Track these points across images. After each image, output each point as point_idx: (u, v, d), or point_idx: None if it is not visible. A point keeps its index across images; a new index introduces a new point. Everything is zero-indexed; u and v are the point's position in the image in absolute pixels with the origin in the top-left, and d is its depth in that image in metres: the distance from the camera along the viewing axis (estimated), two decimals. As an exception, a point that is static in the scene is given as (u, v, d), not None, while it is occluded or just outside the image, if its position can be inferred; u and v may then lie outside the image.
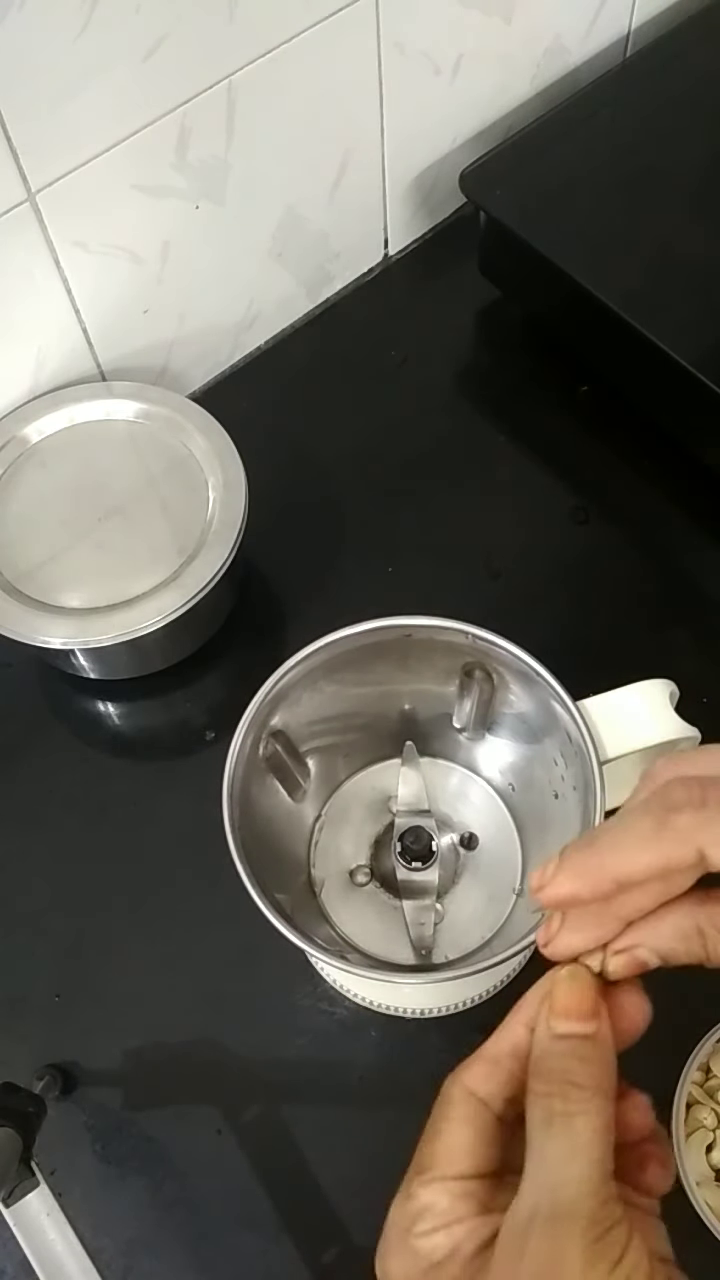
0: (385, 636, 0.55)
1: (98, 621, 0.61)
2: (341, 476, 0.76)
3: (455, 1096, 0.32)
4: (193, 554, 0.63)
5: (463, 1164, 0.32)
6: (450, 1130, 0.32)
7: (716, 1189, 0.55)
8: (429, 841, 0.60)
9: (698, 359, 0.65)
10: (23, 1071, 0.58)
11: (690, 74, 0.79)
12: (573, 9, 0.79)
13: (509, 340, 0.81)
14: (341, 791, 0.63)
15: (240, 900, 0.49)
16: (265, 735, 0.56)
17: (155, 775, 0.67)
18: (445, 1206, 0.31)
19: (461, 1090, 0.33)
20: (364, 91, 0.72)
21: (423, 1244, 0.30)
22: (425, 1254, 0.30)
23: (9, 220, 0.60)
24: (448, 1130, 0.32)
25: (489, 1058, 0.33)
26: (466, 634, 0.55)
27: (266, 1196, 0.57)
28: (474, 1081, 0.33)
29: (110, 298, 0.69)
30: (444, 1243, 0.30)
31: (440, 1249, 0.30)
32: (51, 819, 0.66)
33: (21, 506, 0.65)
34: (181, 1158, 0.58)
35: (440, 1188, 0.31)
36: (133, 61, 0.59)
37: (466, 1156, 0.32)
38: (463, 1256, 0.30)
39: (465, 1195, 0.31)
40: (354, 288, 0.84)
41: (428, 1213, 0.31)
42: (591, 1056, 0.31)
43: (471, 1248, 0.30)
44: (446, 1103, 0.33)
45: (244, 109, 0.65)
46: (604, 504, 0.74)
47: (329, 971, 0.59)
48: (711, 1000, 0.57)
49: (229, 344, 0.79)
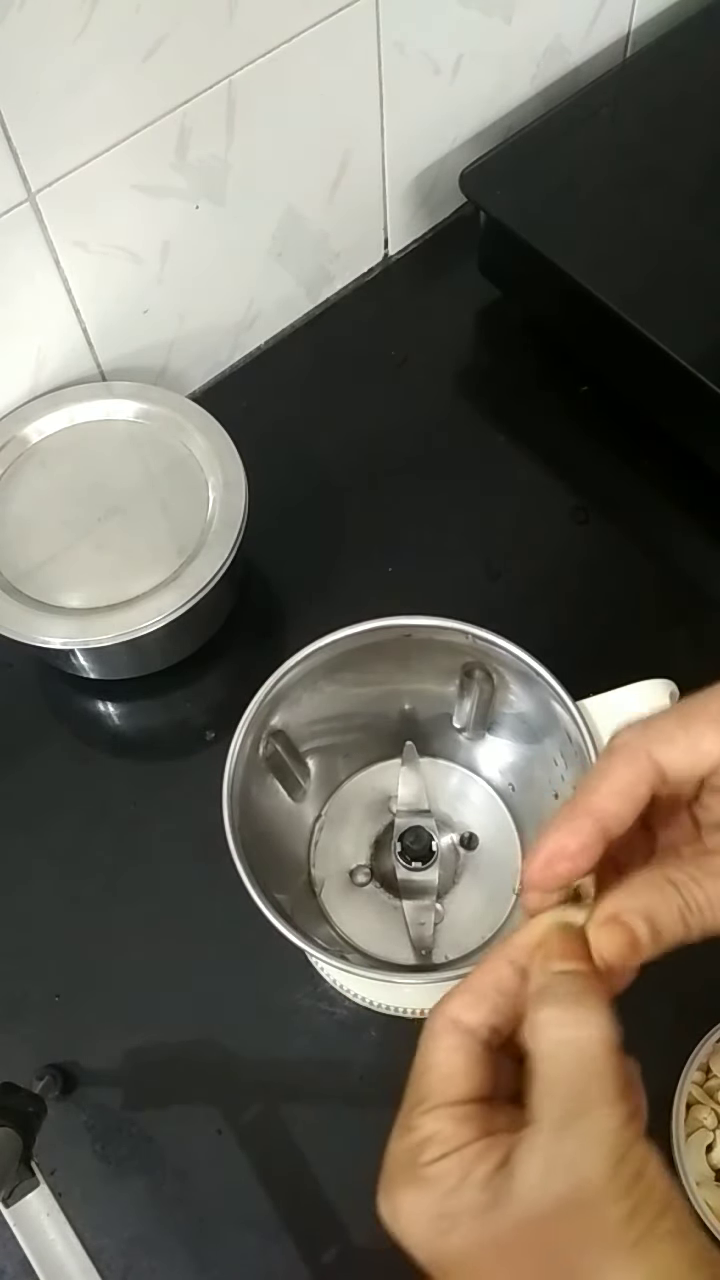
0: (385, 636, 0.56)
1: (98, 621, 0.61)
2: (341, 476, 0.76)
3: (442, 1027, 0.33)
4: (193, 554, 0.63)
5: (460, 1089, 0.32)
6: (443, 1059, 0.32)
7: (716, 1189, 0.55)
8: (429, 841, 0.60)
9: (698, 359, 0.65)
10: (23, 1071, 0.58)
11: (690, 74, 0.79)
12: (573, 9, 0.79)
13: (509, 340, 0.81)
14: (341, 791, 0.63)
15: (240, 900, 0.49)
16: (265, 735, 0.56)
17: (155, 775, 0.67)
18: (450, 1132, 0.31)
19: (447, 1020, 0.33)
20: (364, 91, 0.72)
21: (433, 1172, 0.30)
22: (437, 1181, 0.30)
23: (9, 220, 0.60)
24: (440, 1059, 0.32)
25: (474, 989, 0.33)
26: (466, 634, 0.55)
27: (266, 1196, 0.57)
28: (459, 1011, 0.33)
29: (110, 298, 0.69)
30: (455, 1168, 0.30)
31: (452, 1174, 0.30)
32: (51, 819, 0.66)
33: (21, 506, 0.65)
34: (181, 1158, 0.58)
35: (443, 1113, 0.31)
36: (133, 61, 0.59)
37: (463, 1082, 0.32)
38: (476, 1180, 0.30)
39: (467, 1119, 0.31)
40: (354, 288, 0.84)
41: (433, 1141, 0.31)
42: (590, 986, 0.32)
43: (483, 1172, 0.30)
44: (434, 1034, 0.33)
45: (244, 109, 0.65)
46: (604, 504, 0.74)
47: (329, 971, 0.59)
48: (711, 1000, 0.57)
49: (229, 344, 0.79)
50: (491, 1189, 0.29)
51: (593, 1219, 0.28)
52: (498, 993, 0.33)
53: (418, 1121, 0.31)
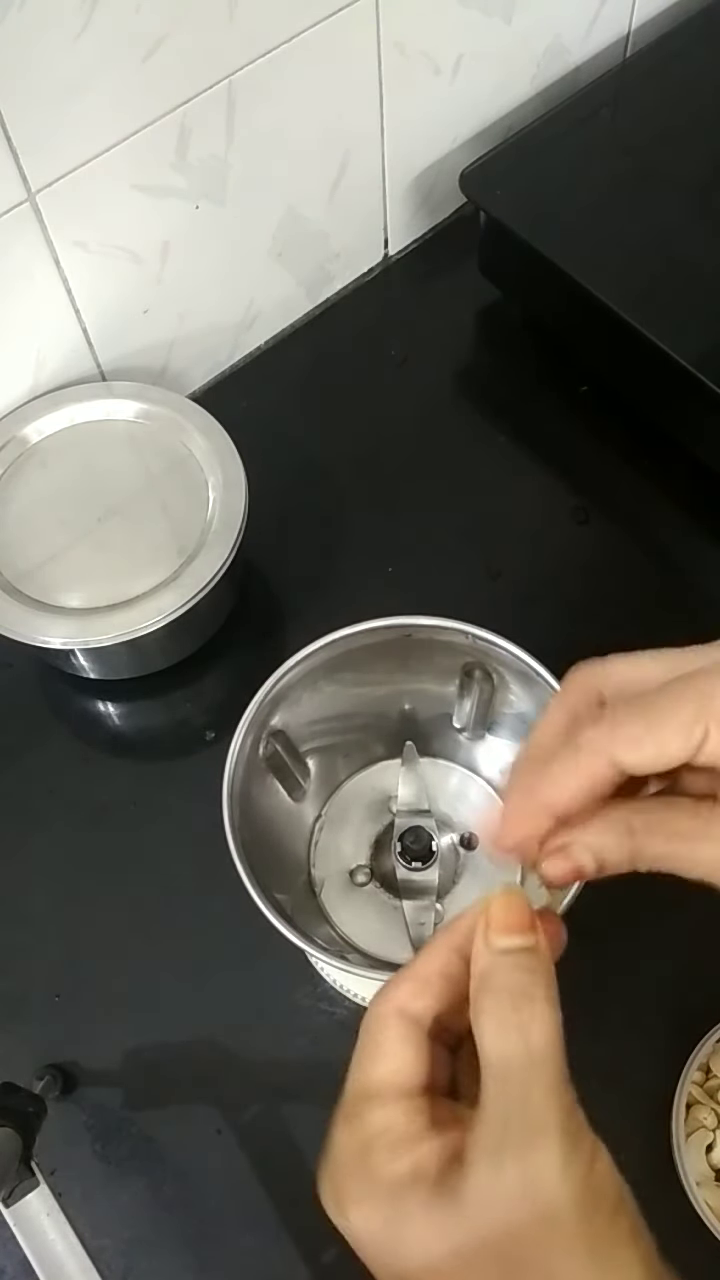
0: (385, 636, 0.56)
1: (98, 621, 0.61)
2: (341, 476, 0.76)
3: (388, 1016, 0.33)
4: (193, 554, 0.63)
5: (408, 1081, 0.32)
6: (391, 1050, 0.32)
7: (716, 1189, 0.55)
8: (429, 841, 0.60)
9: (698, 359, 0.65)
10: (23, 1071, 0.58)
11: (690, 74, 0.79)
12: (573, 9, 0.79)
13: (509, 340, 0.81)
14: (341, 791, 0.63)
15: (240, 900, 0.49)
16: (265, 735, 0.56)
17: (155, 775, 0.67)
18: (402, 1125, 0.31)
19: (393, 1009, 0.33)
20: (364, 91, 0.72)
21: (385, 1169, 0.30)
22: (388, 1177, 0.30)
23: (9, 220, 0.60)
24: (388, 1050, 0.32)
25: (418, 977, 0.33)
26: (466, 634, 0.55)
27: (266, 1196, 0.57)
28: (404, 1000, 0.33)
29: (110, 297, 0.69)
30: (407, 1165, 0.30)
31: (405, 1171, 0.30)
32: (52, 819, 0.66)
33: (21, 506, 0.65)
34: (181, 1158, 0.58)
35: (393, 1108, 0.31)
36: (133, 61, 0.59)
37: (411, 1073, 0.32)
38: (429, 1177, 0.30)
39: (417, 1112, 0.31)
40: (354, 288, 0.84)
41: (385, 1135, 0.31)
42: (536, 968, 0.32)
43: (436, 1167, 0.30)
44: (380, 1023, 0.33)
45: (244, 109, 0.65)
46: (604, 504, 0.74)
47: (329, 971, 0.59)
48: (711, 1000, 0.57)
49: (229, 344, 0.79)
50: (444, 1184, 0.29)
51: (548, 1222, 0.28)
52: (443, 979, 0.33)
53: (369, 1114, 0.31)
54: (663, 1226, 0.55)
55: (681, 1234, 0.54)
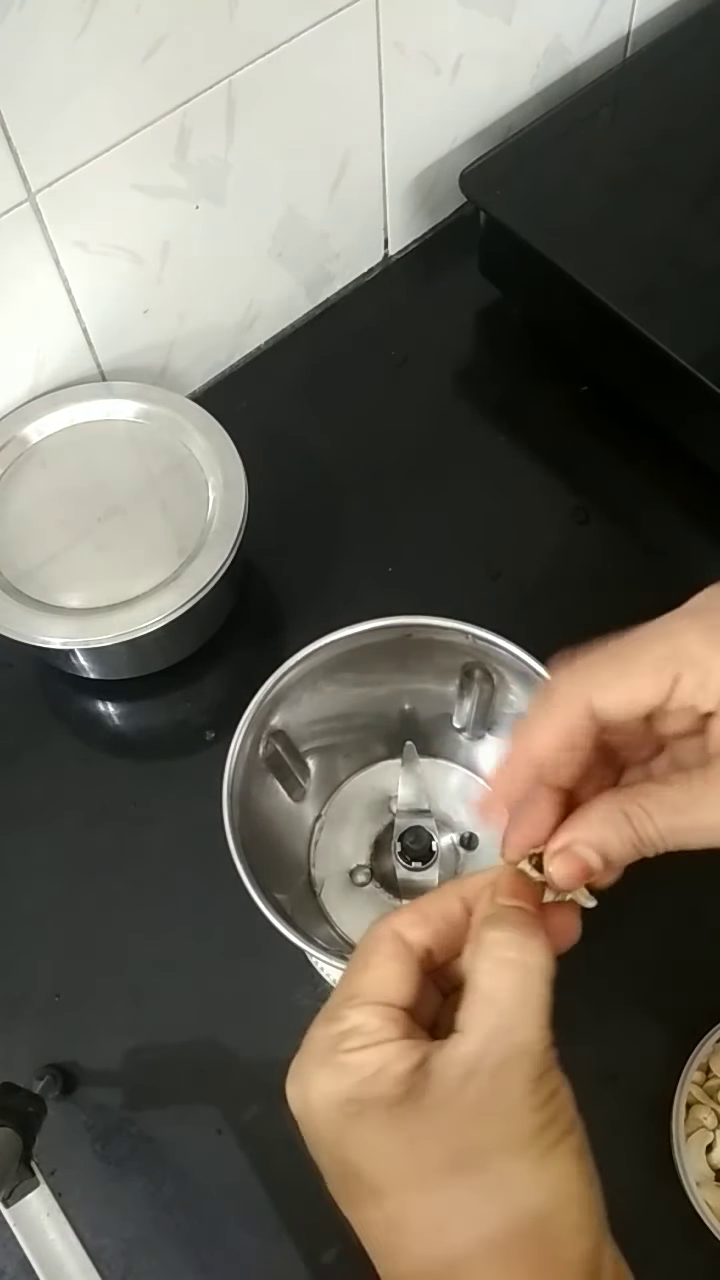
0: (385, 636, 0.56)
1: (98, 621, 0.61)
2: (341, 476, 0.76)
3: (385, 935, 0.34)
4: (193, 554, 0.63)
5: (391, 993, 0.33)
6: (380, 963, 0.34)
7: (716, 1189, 0.55)
8: (429, 841, 0.60)
9: (698, 359, 0.65)
10: (23, 1071, 0.58)
11: (690, 74, 0.79)
12: (573, 9, 0.79)
13: (509, 340, 0.81)
14: (341, 791, 0.63)
15: (240, 900, 0.49)
16: (265, 735, 0.56)
17: (155, 775, 0.67)
18: (376, 1026, 0.32)
19: (391, 931, 0.34)
20: (364, 91, 0.72)
21: (352, 1059, 0.32)
22: (355, 1068, 0.32)
23: (9, 220, 0.60)
24: (377, 963, 0.34)
25: (422, 911, 0.35)
26: (466, 634, 0.55)
27: (266, 1196, 0.57)
28: (403, 926, 0.34)
29: (110, 298, 0.69)
30: (374, 1059, 0.32)
31: (370, 1064, 0.31)
32: (51, 819, 0.66)
33: (21, 506, 0.65)
34: (181, 1158, 0.58)
35: (371, 1010, 0.33)
36: (133, 61, 0.59)
37: (395, 987, 0.33)
38: (392, 1074, 0.31)
39: (393, 1019, 0.33)
40: (354, 288, 0.84)
41: (357, 1032, 0.32)
42: (539, 926, 0.33)
43: (401, 1068, 0.31)
44: (376, 939, 0.34)
45: (244, 109, 0.65)
46: (604, 504, 0.74)
47: (329, 971, 0.59)
48: (711, 1000, 0.57)
49: (229, 344, 0.79)
50: (407, 1084, 0.31)
51: (509, 1125, 0.30)
52: (443, 920, 0.34)
53: (346, 1013, 0.33)
54: (663, 1226, 0.55)
55: (681, 1234, 0.54)
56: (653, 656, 0.33)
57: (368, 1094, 0.31)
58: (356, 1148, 0.31)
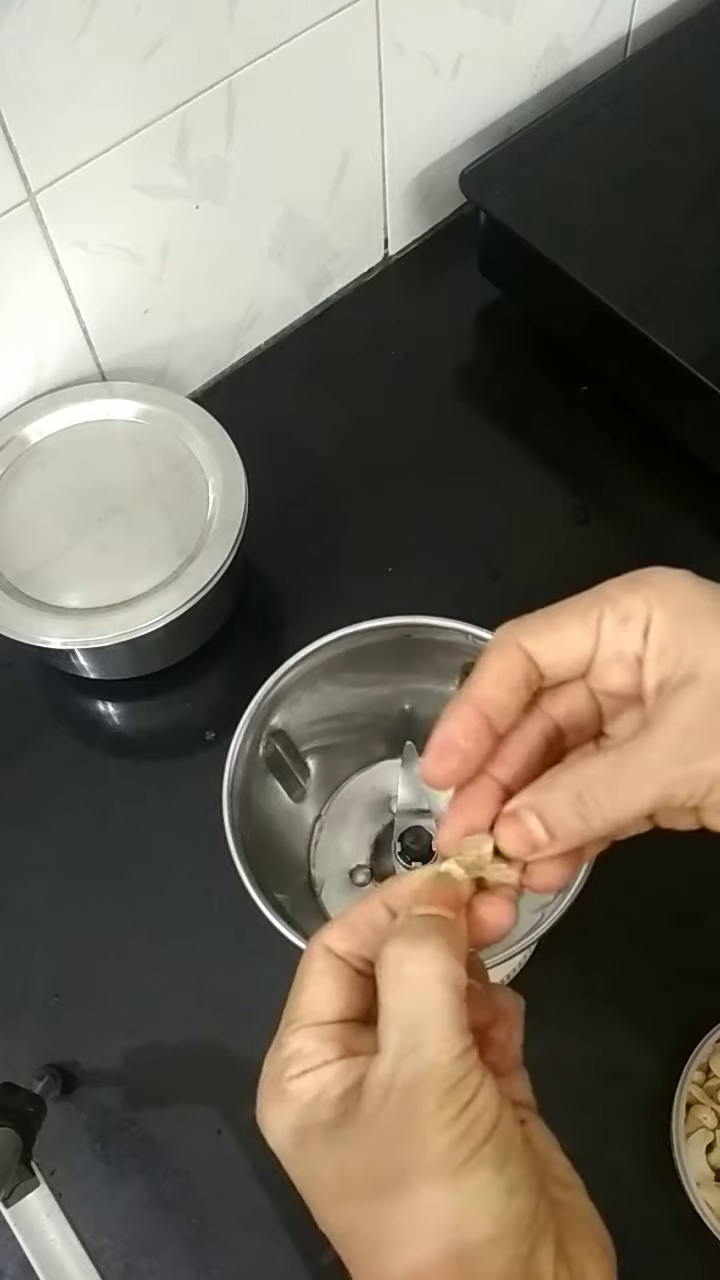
0: (385, 636, 0.56)
1: (98, 621, 0.61)
2: (341, 476, 0.76)
3: (315, 952, 0.35)
4: (193, 554, 0.63)
5: (325, 1010, 0.34)
6: (311, 983, 0.34)
7: (716, 1189, 0.55)
8: (429, 841, 0.60)
9: (698, 359, 0.65)
10: (23, 1071, 0.58)
11: (690, 74, 0.79)
12: (573, 9, 0.79)
13: (509, 340, 0.81)
14: (341, 791, 0.63)
15: (240, 900, 0.49)
16: (265, 735, 0.56)
17: (155, 775, 0.67)
18: (311, 1049, 0.33)
19: (320, 947, 0.35)
20: (364, 91, 0.72)
21: (292, 1087, 0.32)
22: (295, 1096, 0.32)
23: (9, 220, 0.60)
24: (309, 983, 0.34)
25: (347, 922, 0.35)
26: (466, 634, 0.55)
27: (266, 1196, 0.56)
28: (332, 940, 0.35)
29: (110, 298, 0.69)
30: (312, 1085, 0.32)
31: (309, 1091, 0.32)
32: (52, 819, 0.66)
33: (21, 506, 0.65)
34: (181, 1158, 0.58)
35: (306, 1033, 0.33)
36: (133, 61, 0.59)
37: (329, 1003, 0.34)
38: (329, 1098, 0.32)
39: (329, 1039, 0.33)
40: (354, 288, 0.84)
41: (296, 1058, 0.33)
42: (445, 929, 0.33)
43: (337, 1091, 0.32)
44: (308, 958, 0.35)
45: (244, 109, 0.65)
46: (604, 504, 0.74)
47: (329, 971, 0.59)
48: (711, 1000, 0.57)
49: (229, 344, 0.79)
50: (341, 1108, 0.31)
51: (421, 1144, 0.30)
52: (369, 928, 0.35)
53: (286, 1040, 0.33)
54: (663, 1226, 0.55)
55: (681, 1234, 0.54)
56: (579, 604, 0.37)
57: (309, 1121, 0.32)
58: (304, 1178, 0.32)
